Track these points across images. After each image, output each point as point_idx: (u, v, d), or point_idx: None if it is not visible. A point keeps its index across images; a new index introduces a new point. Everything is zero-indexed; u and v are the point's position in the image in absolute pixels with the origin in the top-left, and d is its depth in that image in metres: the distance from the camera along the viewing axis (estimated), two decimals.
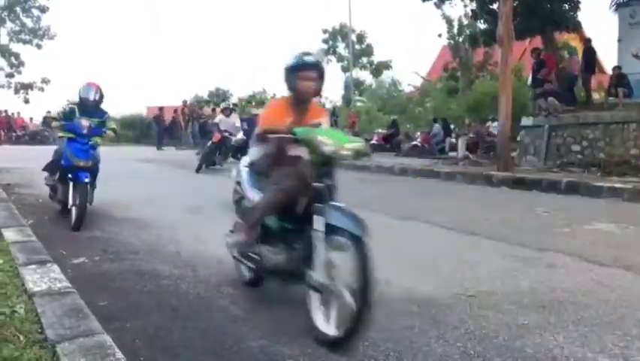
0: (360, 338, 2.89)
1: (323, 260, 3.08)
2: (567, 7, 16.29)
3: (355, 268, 2.89)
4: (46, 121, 8.01)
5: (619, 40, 16.38)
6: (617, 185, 9.11)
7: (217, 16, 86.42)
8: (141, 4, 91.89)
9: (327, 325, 3.04)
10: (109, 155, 12.14)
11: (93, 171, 6.32)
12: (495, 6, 15.32)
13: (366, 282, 2.84)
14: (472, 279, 4.23)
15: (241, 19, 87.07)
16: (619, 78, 14.23)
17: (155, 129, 25.85)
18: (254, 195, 3.64)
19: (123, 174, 11.59)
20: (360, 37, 40.59)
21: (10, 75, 31.76)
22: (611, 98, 14.44)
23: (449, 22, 26.70)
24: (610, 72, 15.76)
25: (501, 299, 3.75)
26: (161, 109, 26.14)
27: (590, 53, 15.26)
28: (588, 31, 19.64)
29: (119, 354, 2.39)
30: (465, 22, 25.34)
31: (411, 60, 69.91)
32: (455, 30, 26.89)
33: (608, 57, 17.45)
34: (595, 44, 15.52)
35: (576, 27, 17.42)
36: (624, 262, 4.72)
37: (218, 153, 13.51)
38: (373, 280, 2.85)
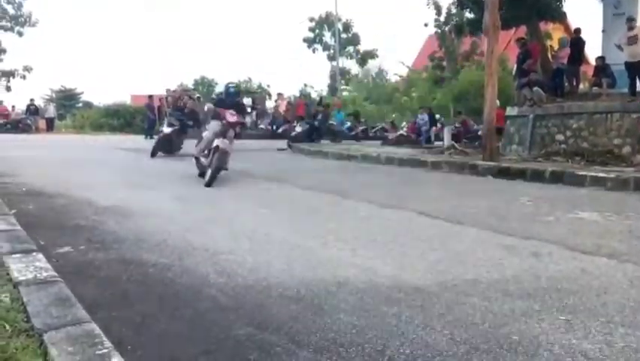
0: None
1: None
2: None
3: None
4: None
5: (603, 31, 16.49)
6: (600, 174, 9.21)
7: (203, 4, 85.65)
8: None
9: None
10: (93, 143, 12.07)
11: None
12: None
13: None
14: (458, 267, 4.26)
15: (227, 7, 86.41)
16: (603, 69, 14.34)
17: (149, 117, 25.09)
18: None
19: (109, 163, 11.53)
20: (347, 26, 40.54)
21: None
22: (594, 88, 14.56)
23: (438, 9, 26.68)
24: (594, 63, 15.87)
25: (486, 287, 3.78)
26: (150, 97, 25.69)
27: (578, 44, 15.30)
28: (572, 21, 19.74)
29: (107, 343, 2.38)
30: (453, 10, 25.36)
31: (397, 49, 69.83)
32: (442, 19, 26.90)
33: (592, 48, 17.57)
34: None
35: (561, 17, 17.53)
36: (607, 250, 4.78)
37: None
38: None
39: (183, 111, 15.52)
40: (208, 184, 8.40)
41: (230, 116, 8.97)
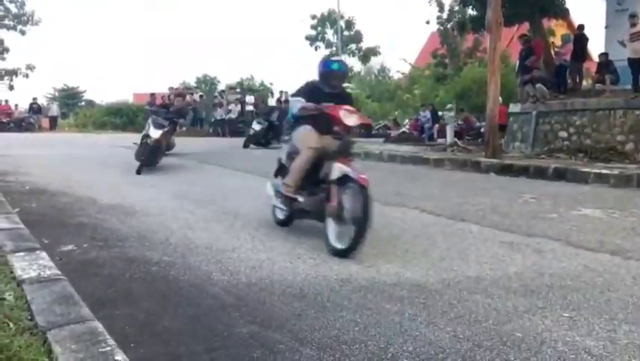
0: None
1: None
2: None
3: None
4: None
5: (606, 27, 16.44)
6: (604, 171, 9.19)
7: (204, 3, 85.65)
8: None
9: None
10: (96, 142, 12.07)
11: None
12: None
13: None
14: (461, 264, 4.26)
15: (229, 6, 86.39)
16: (606, 65, 14.30)
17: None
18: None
19: (111, 161, 11.54)
20: (349, 24, 40.45)
21: None
22: (597, 85, 14.52)
23: (440, 6, 26.59)
24: (597, 59, 15.83)
25: (489, 284, 3.78)
26: (152, 95, 25.69)
27: (581, 41, 15.26)
28: (575, 17, 19.68)
29: (111, 341, 2.38)
30: (456, 7, 25.29)
31: (399, 46, 69.84)
32: (445, 16, 26.82)
33: (594, 44, 17.54)
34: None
35: (564, 13, 17.47)
36: (610, 246, 4.77)
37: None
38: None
39: (169, 109, 12.69)
40: (351, 248, 4.37)
41: (348, 116, 4.76)
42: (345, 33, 39.98)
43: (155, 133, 10.28)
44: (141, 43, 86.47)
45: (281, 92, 29.61)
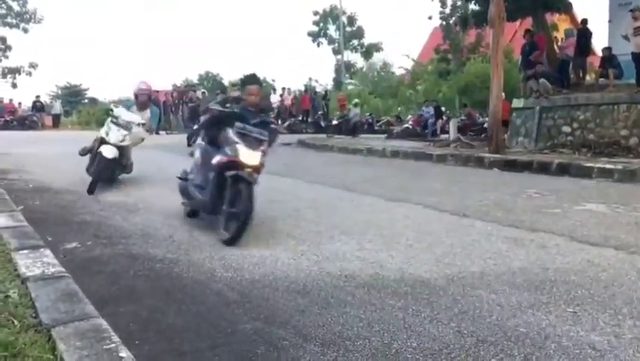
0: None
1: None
2: None
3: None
4: None
5: (609, 21, 16.35)
6: (607, 166, 9.16)
7: (205, 2, 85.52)
8: None
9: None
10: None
11: None
12: None
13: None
14: (465, 260, 4.25)
15: (230, 3, 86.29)
16: (609, 59, 14.24)
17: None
18: None
19: None
20: (351, 20, 40.45)
21: None
22: (601, 80, 14.46)
23: (443, 1, 26.47)
24: (600, 53, 15.75)
25: (493, 280, 3.77)
26: (156, 92, 25.56)
27: (585, 35, 15.19)
28: (578, 12, 19.58)
29: (115, 338, 2.39)
30: (458, 2, 25.16)
31: (401, 42, 69.68)
32: (447, 11, 26.70)
33: (598, 38, 17.41)
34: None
35: (567, 8, 17.38)
36: (615, 241, 4.76)
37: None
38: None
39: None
40: None
41: None
42: (348, 29, 39.98)
43: (249, 157, 5.16)
44: (143, 41, 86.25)
45: (283, 88, 29.65)
